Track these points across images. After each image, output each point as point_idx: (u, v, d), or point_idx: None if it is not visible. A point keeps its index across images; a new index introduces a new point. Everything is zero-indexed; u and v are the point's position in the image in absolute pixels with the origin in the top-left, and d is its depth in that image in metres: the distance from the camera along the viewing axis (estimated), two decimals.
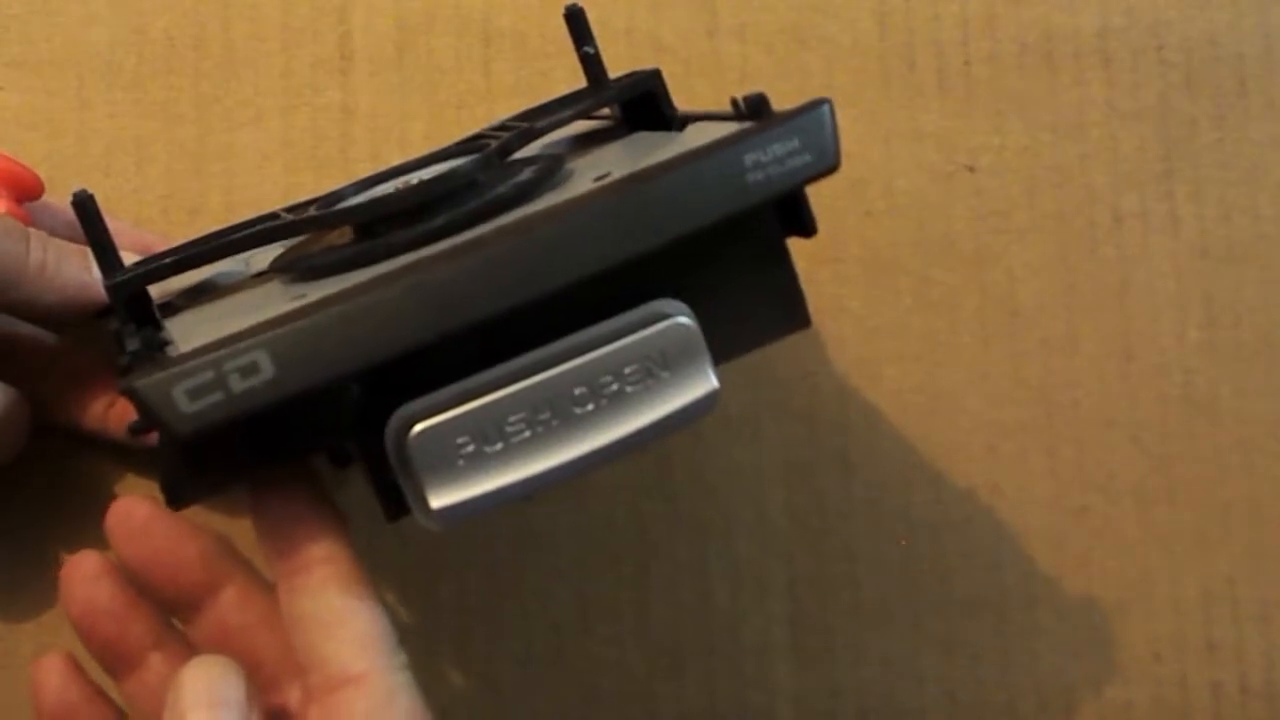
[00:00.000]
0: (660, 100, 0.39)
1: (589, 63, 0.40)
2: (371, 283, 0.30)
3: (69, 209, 0.35)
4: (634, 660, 0.46)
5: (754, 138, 0.32)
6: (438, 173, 0.36)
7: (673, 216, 0.31)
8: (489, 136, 0.39)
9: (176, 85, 0.46)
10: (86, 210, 0.35)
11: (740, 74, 0.48)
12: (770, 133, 0.32)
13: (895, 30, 0.48)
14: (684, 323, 0.33)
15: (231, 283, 0.40)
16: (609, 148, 0.40)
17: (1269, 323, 0.48)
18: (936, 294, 0.48)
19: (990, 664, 0.47)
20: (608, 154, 0.39)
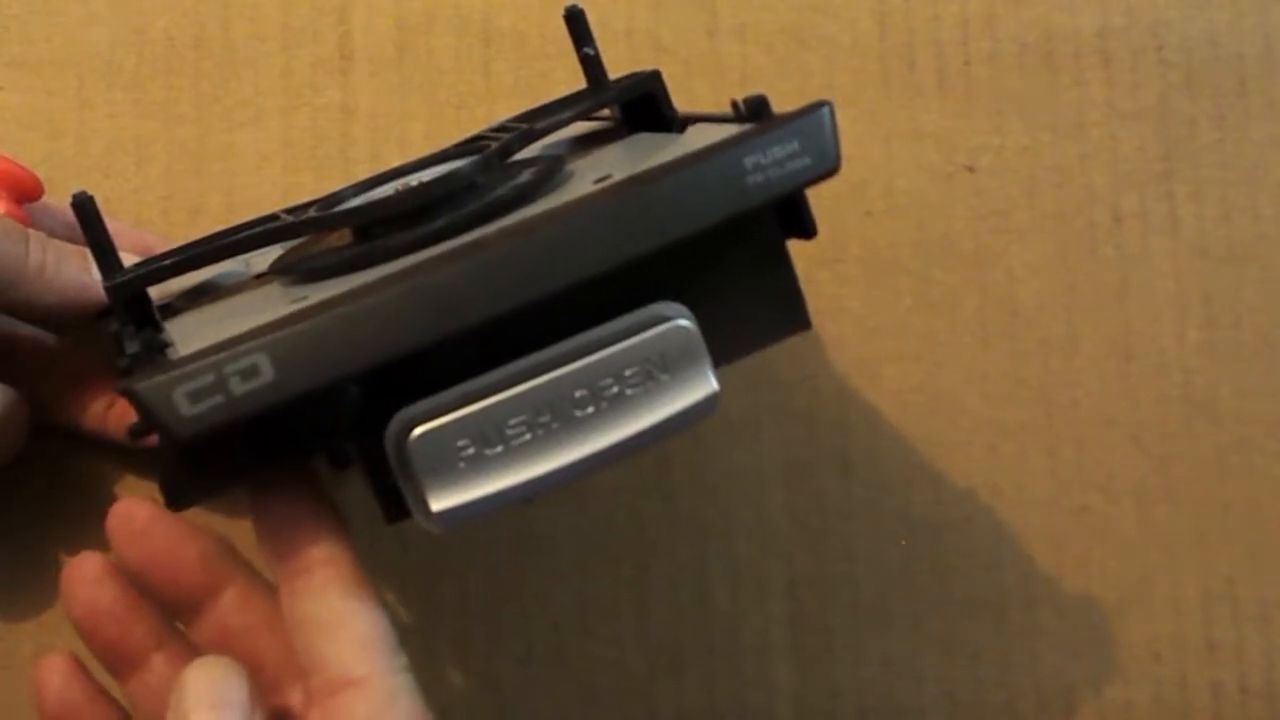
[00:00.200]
0: (660, 101, 0.39)
1: (589, 64, 0.40)
2: (372, 285, 0.30)
3: (68, 210, 0.35)
4: (634, 660, 0.46)
5: (754, 140, 0.32)
6: (437, 175, 0.36)
7: (673, 219, 0.31)
8: (489, 138, 0.39)
9: (176, 85, 0.46)
10: (86, 212, 0.35)
11: (740, 74, 0.48)
12: (770, 135, 0.32)
13: (895, 30, 0.48)
14: (684, 325, 0.33)
15: (231, 284, 0.40)
16: (609, 149, 0.40)
17: (1269, 323, 0.48)
18: (936, 294, 0.48)
19: (990, 664, 0.47)
20: (608, 155, 0.39)
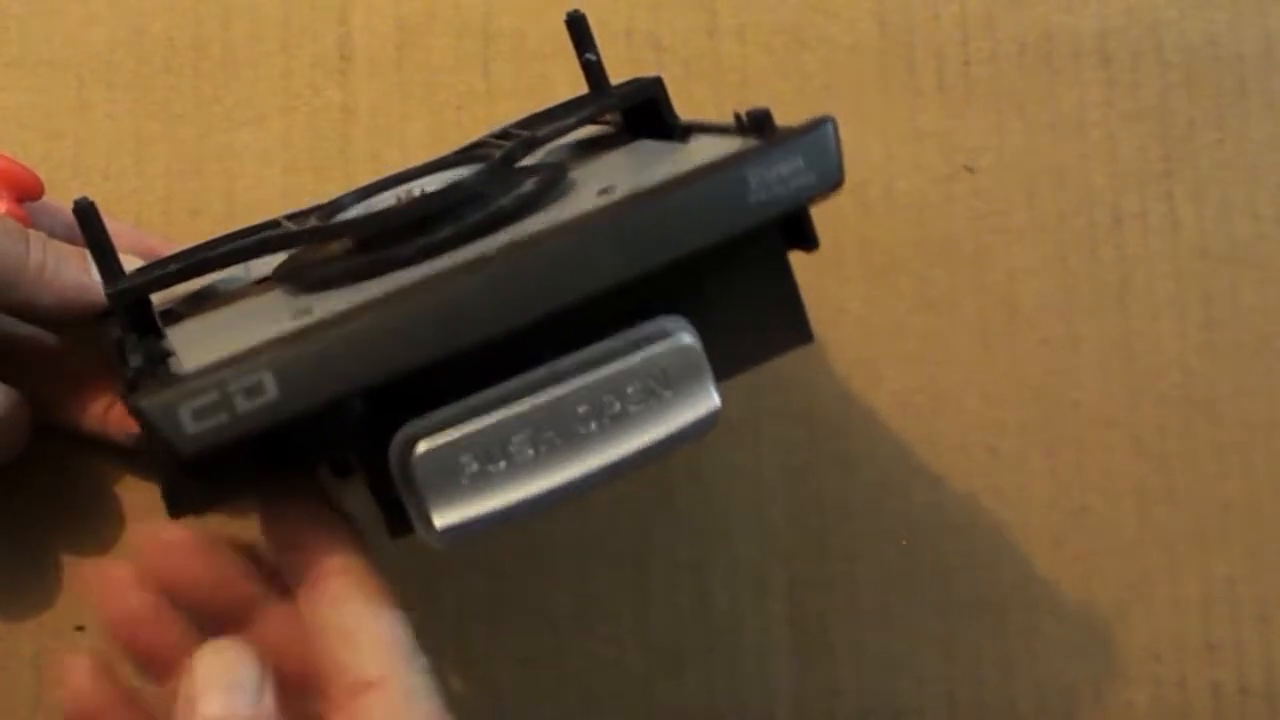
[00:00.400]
0: (662, 108, 0.39)
1: (590, 69, 0.40)
2: (376, 302, 0.30)
3: (69, 209, 0.35)
4: (634, 660, 0.46)
5: (758, 157, 0.32)
6: (440, 184, 0.36)
7: (676, 236, 0.31)
8: (491, 145, 0.39)
9: (176, 85, 0.46)
10: (88, 217, 0.35)
11: (740, 74, 0.48)
12: (774, 152, 0.32)
13: (895, 30, 0.48)
14: (686, 341, 0.33)
15: (233, 289, 0.40)
16: (611, 156, 0.39)
17: (1269, 323, 0.48)
18: (936, 294, 0.48)
19: (990, 664, 0.47)
20: (610, 163, 0.39)
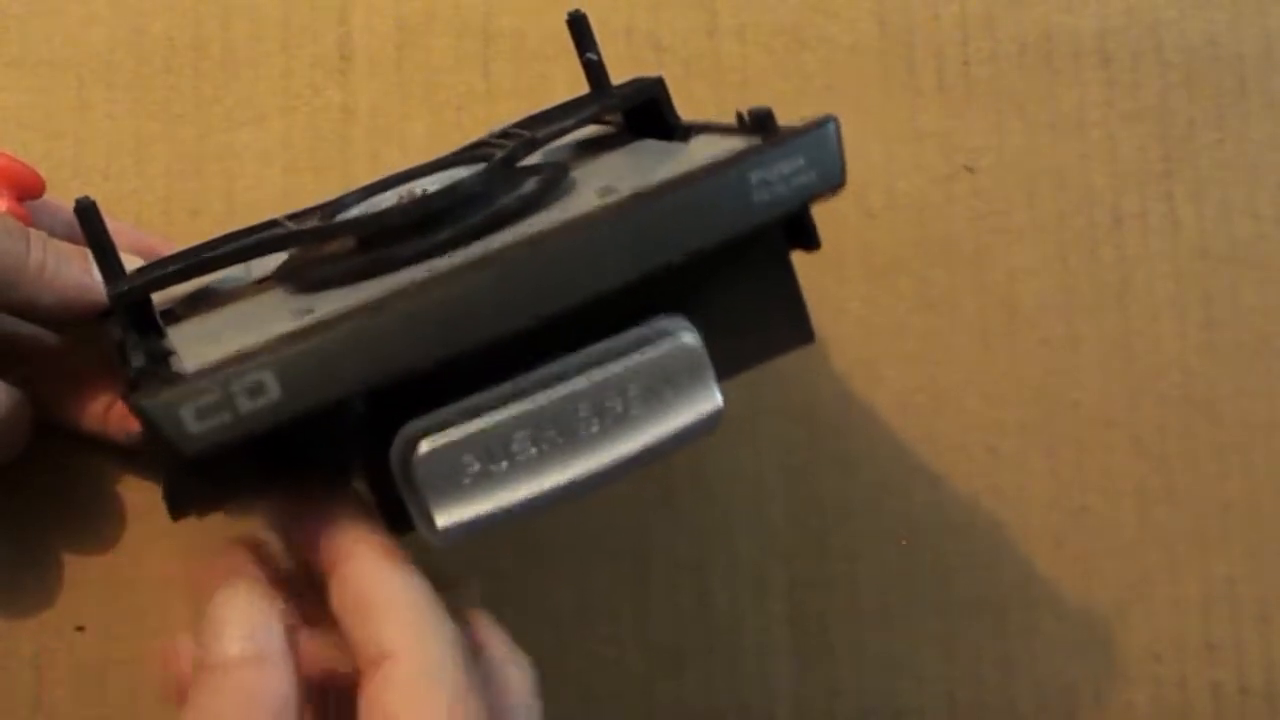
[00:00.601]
0: (663, 108, 0.39)
1: (591, 69, 0.40)
2: (378, 302, 0.30)
3: (69, 209, 0.35)
4: (633, 660, 0.46)
5: (760, 156, 0.32)
6: (441, 183, 0.36)
7: (678, 236, 0.31)
8: (492, 145, 0.39)
9: (176, 85, 0.46)
10: (89, 217, 0.35)
11: (740, 74, 0.48)
12: (776, 151, 0.32)
13: (895, 31, 0.48)
14: (688, 341, 0.33)
15: (233, 289, 0.40)
16: (612, 156, 0.39)
17: (1269, 323, 0.48)
18: (936, 294, 0.48)
19: (990, 664, 0.47)
20: (611, 163, 0.39)
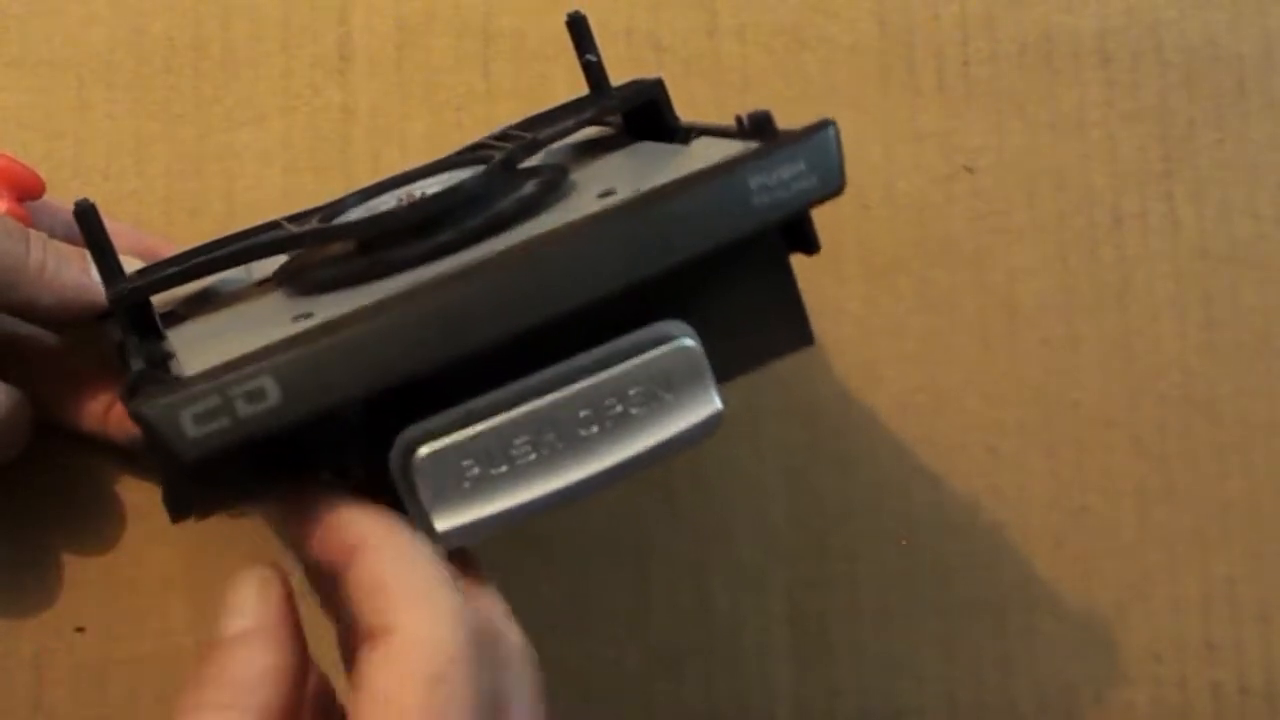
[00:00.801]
0: (663, 110, 0.39)
1: (591, 70, 0.40)
2: (377, 307, 0.30)
3: (69, 209, 0.35)
4: (633, 660, 0.46)
5: (760, 160, 0.32)
6: (441, 186, 0.36)
7: (679, 240, 0.31)
8: (492, 147, 0.39)
9: (176, 85, 0.46)
10: (88, 219, 0.35)
11: (740, 74, 0.48)
12: (776, 156, 0.32)
13: (895, 31, 0.48)
14: (688, 345, 0.33)
15: (233, 291, 0.40)
16: (612, 158, 0.39)
17: (1269, 323, 0.48)
18: (936, 295, 0.48)
19: (990, 664, 0.47)
20: (610, 166, 0.39)
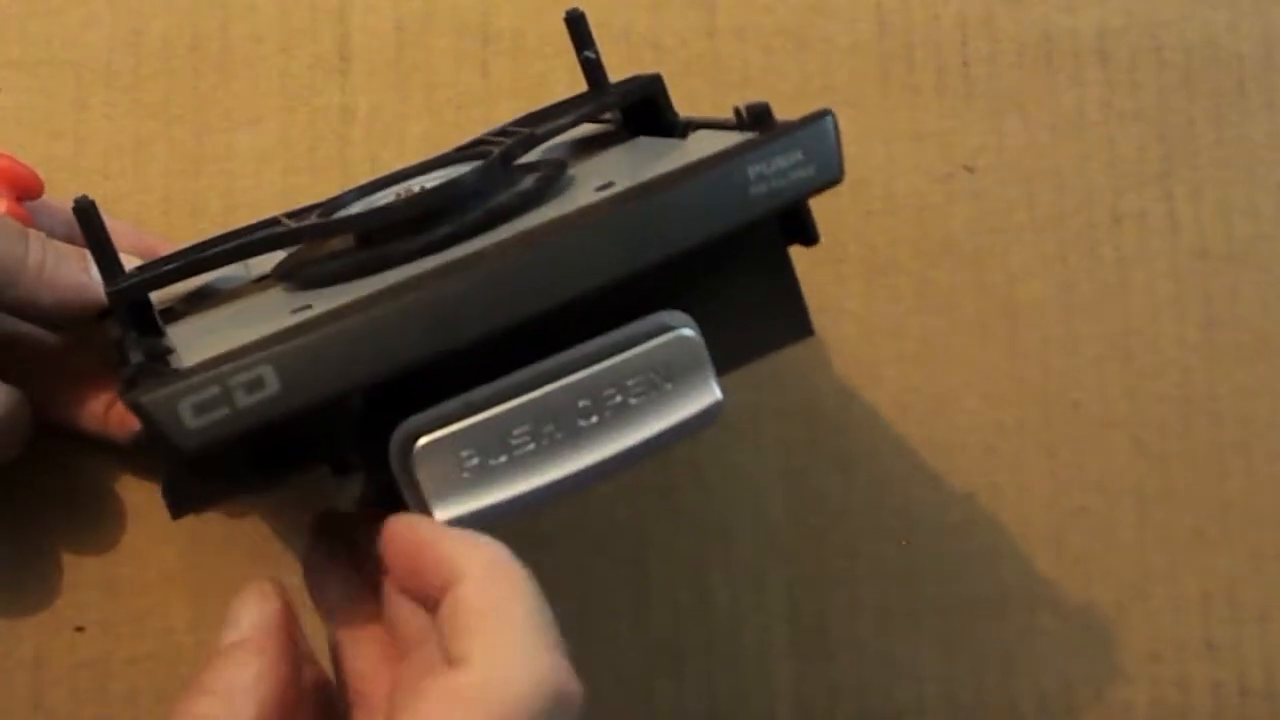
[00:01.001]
0: (661, 105, 0.39)
1: (590, 67, 0.40)
2: (376, 297, 0.30)
3: (69, 208, 0.35)
4: (632, 660, 0.45)
5: (757, 150, 0.32)
6: (440, 181, 0.36)
7: (677, 230, 0.31)
8: (490, 142, 0.39)
9: (175, 86, 0.46)
10: (88, 216, 0.35)
11: (740, 75, 0.48)
12: (773, 145, 0.32)
13: (894, 31, 0.48)
14: (687, 335, 0.33)
15: (233, 288, 0.40)
16: (610, 153, 0.39)
17: (1269, 323, 0.48)
18: (936, 294, 0.48)
19: (990, 664, 0.47)
20: (609, 160, 0.39)
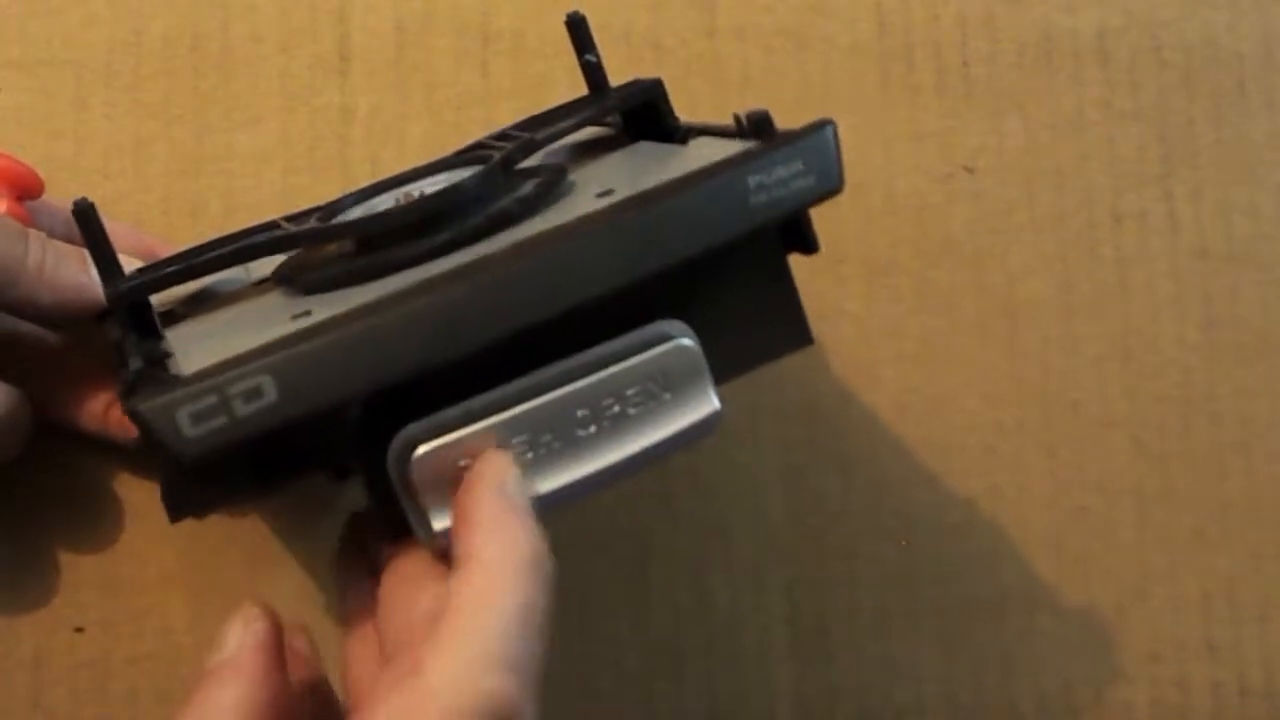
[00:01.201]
0: (662, 110, 0.39)
1: (590, 71, 0.40)
2: (374, 306, 0.30)
3: (68, 209, 0.35)
4: (632, 660, 0.45)
5: (758, 159, 0.32)
6: (440, 186, 0.36)
7: (677, 239, 0.31)
8: (490, 147, 0.39)
9: (175, 86, 0.46)
10: (87, 218, 0.34)
11: (740, 75, 0.48)
12: (774, 154, 0.32)
13: (894, 31, 0.48)
14: (686, 344, 0.33)
15: (232, 291, 0.40)
16: (611, 158, 0.39)
17: (1268, 323, 0.48)
18: (935, 295, 0.48)
19: (990, 664, 0.47)
20: (609, 165, 0.39)
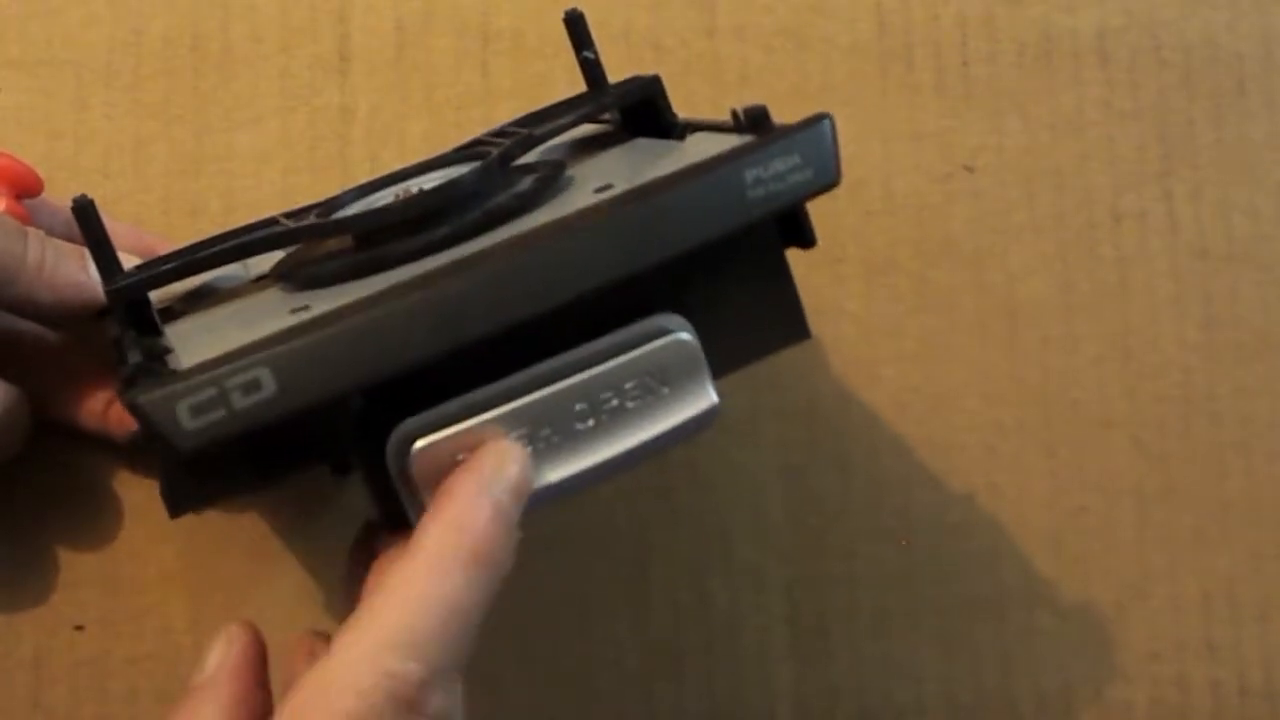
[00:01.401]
0: (660, 106, 0.39)
1: (589, 68, 0.40)
2: (373, 299, 0.30)
3: (68, 207, 0.35)
4: (632, 660, 0.45)
5: (755, 153, 0.32)
6: (438, 181, 0.36)
7: (674, 233, 0.31)
8: (489, 143, 0.39)
9: (175, 86, 0.46)
10: (86, 215, 0.35)
11: (739, 75, 0.48)
12: (771, 148, 0.32)
13: (894, 31, 0.48)
14: (684, 338, 0.33)
15: (231, 287, 0.40)
16: (609, 154, 0.39)
17: (1268, 323, 0.48)
18: (935, 294, 0.48)
19: (990, 664, 0.47)
20: (608, 161, 0.39)
